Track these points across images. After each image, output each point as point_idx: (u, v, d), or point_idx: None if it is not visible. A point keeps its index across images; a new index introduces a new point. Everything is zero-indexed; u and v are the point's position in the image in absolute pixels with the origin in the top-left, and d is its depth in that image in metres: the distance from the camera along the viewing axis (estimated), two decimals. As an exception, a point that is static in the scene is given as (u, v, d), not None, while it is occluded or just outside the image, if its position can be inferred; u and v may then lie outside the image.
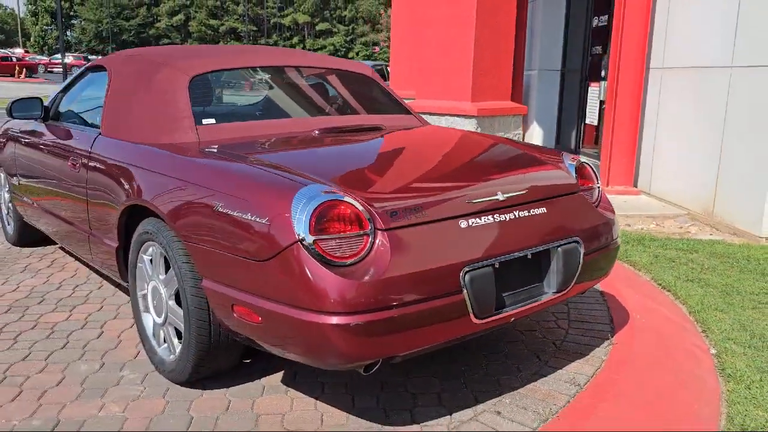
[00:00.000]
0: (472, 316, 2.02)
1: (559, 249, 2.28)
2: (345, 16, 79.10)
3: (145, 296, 2.60)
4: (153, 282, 2.48)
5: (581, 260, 2.35)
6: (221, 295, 2.09)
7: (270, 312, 1.92)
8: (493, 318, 2.09)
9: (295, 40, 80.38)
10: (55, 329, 2.99)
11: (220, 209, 2.04)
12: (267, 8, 74.70)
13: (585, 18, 9.37)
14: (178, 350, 2.39)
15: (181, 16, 79.30)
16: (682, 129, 5.96)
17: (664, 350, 2.88)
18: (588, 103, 9.29)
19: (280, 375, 2.56)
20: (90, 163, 2.82)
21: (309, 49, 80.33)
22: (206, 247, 2.10)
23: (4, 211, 4.47)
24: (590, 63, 9.33)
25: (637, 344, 2.89)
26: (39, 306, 3.27)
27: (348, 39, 79.20)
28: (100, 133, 2.90)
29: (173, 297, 2.38)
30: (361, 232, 1.90)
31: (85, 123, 3.32)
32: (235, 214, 2.00)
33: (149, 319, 2.61)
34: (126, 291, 3.48)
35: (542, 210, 2.32)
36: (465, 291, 1.98)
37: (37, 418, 2.23)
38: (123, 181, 2.55)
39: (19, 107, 3.46)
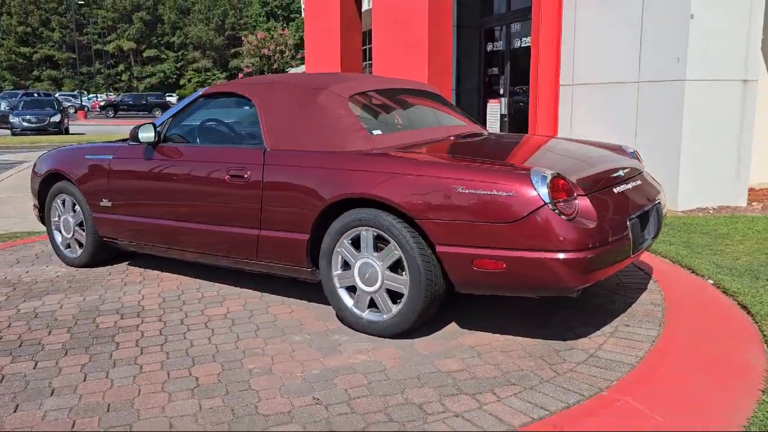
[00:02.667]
0: (630, 252, 2.97)
1: (654, 207, 3.31)
2: (174, 42, 76.99)
3: (339, 276, 3.23)
4: (363, 259, 3.12)
5: (663, 216, 3.40)
6: (460, 255, 2.84)
7: (516, 258, 2.72)
8: (635, 255, 3.06)
9: (121, 67, 76.73)
10: (230, 318, 3.46)
11: (462, 191, 2.80)
12: (87, 34, 70.50)
13: (478, 44, 10.79)
14: (395, 309, 3.06)
15: (-15, 44, 72.28)
16: (595, 132, 7.41)
17: (684, 283, 4.02)
18: (488, 117, 10.71)
19: (453, 325, 3.31)
20: (268, 172, 3.36)
21: (137, 77, 77.04)
22: (445, 220, 2.84)
23: (61, 237, 4.64)
24: (486, 83, 10.77)
25: (668, 281, 4.00)
26: (188, 306, 3.69)
27: (179, 65, 77.10)
28: (266, 148, 3.45)
29: (388, 268, 3.06)
30: (572, 197, 2.78)
31: (223, 141, 3.83)
32: (478, 193, 2.76)
33: (344, 293, 3.24)
34: (253, 287, 3.98)
35: (639, 182, 3.34)
36: (629, 234, 2.93)
37: (314, 369, 2.80)
38: (326, 182, 3.15)
39: (142, 131, 3.85)
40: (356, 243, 3.17)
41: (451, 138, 3.61)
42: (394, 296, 3.10)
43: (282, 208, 3.33)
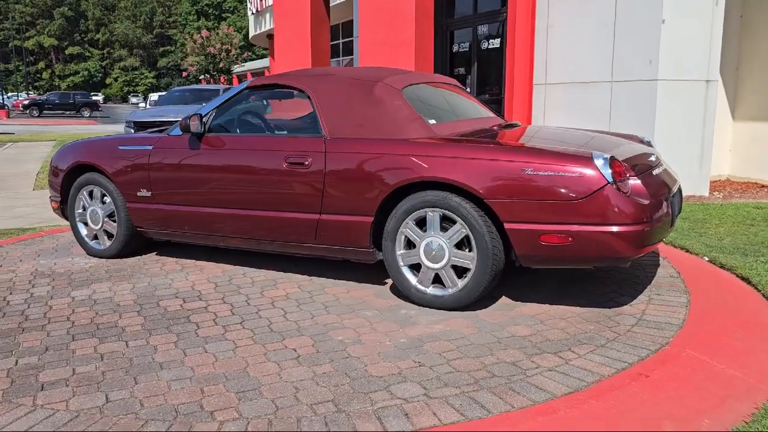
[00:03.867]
0: (669, 227, 3.35)
1: (678, 190, 3.72)
2: (98, 39, 74.25)
3: (403, 255, 3.47)
4: (428, 238, 3.37)
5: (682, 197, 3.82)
6: (528, 231, 3.13)
7: (581, 232, 3.04)
8: (672, 228, 3.44)
9: (42, 64, 73.33)
10: (293, 299, 3.64)
11: (531, 173, 3.10)
12: (4, 30, 67.03)
13: (444, 45, 11.17)
14: (460, 283, 3.33)
15: None
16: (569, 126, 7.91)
17: (685, 260, 4.47)
18: (455, 116, 11.07)
19: (505, 298, 3.61)
20: (330, 159, 3.56)
21: (59, 75, 73.79)
22: (514, 199, 3.13)
23: (87, 229, 4.65)
24: (452, 82, 11.14)
25: (673, 258, 4.44)
26: (244, 289, 3.83)
27: (104, 64, 74.39)
28: (325, 137, 3.65)
29: (454, 246, 3.32)
30: (626, 177, 3.13)
31: (271, 131, 3.97)
32: (546, 174, 3.07)
33: (407, 271, 3.48)
34: (299, 271, 4.15)
35: (664, 167, 3.74)
36: (669, 211, 3.31)
37: (400, 338, 3.04)
38: (393, 167, 3.38)
39: (193, 122, 3.95)
40: (419, 223, 3.42)
41: (495, 128, 3.91)
42: (458, 272, 3.37)
43: (346, 193, 3.54)
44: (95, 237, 4.66)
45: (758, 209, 6.19)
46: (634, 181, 3.18)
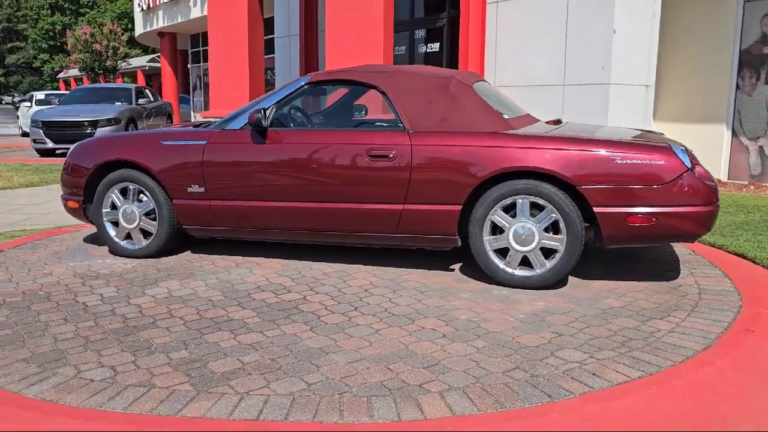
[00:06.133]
0: (715, 208, 3.89)
1: (705, 179, 4.28)
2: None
3: (490, 240, 3.72)
4: (518, 224, 3.65)
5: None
6: (615, 214, 3.51)
7: (665, 213, 3.47)
8: (712, 210, 3.98)
9: None
10: (382, 286, 3.76)
11: (620, 162, 3.48)
12: None
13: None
14: (548, 263, 3.64)
15: None
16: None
17: (699, 246, 5.09)
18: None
19: (572, 278, 3.96)
20: (417, 152, 3.73)
21: None
22: (604, 186, 3.49)
23: (117, 229, 4.45)
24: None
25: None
26: (324, 280, 3.89)
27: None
28: (408, 130, 3.81)
29: (542, 230, 3.63)
30: (695, 165, 3.60)
31: (338, 125, 4.04)
32: (634, 162, 3.46)
33: (494, 255, 3.74)
34: (363, 262, 4.26)
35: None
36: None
37: (519, 314, 3.29)
38: (483, 158, 3.62)
39: (261, 116, 3.94)
40: (505, 210, 3.69)
41: (551, 123, 4.27)
42: (544, 253, 3.68)
43: (435, 184, 3.73)
44: (127, 237, 4.46)
45: (700, 198, 7.06)
46: (699, 168, 3.66)
